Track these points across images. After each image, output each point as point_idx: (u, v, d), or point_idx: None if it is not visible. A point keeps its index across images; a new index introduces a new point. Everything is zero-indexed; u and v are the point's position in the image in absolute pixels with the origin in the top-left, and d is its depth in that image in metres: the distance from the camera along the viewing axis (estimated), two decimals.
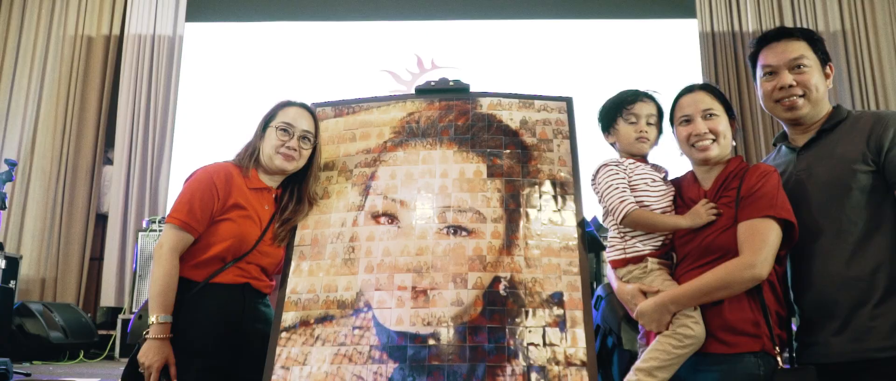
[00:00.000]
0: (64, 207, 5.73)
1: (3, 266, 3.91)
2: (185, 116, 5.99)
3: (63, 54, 5.98)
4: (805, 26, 5.99)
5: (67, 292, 5.61)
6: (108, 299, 5.50)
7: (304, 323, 1.73)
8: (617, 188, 1.68)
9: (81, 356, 4.54)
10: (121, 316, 4.70)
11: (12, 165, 2.90)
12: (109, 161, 5.96)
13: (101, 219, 5.88)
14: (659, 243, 1.67)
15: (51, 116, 5.85)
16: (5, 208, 2.81)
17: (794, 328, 1.68)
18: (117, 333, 4.65)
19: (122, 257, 5.61)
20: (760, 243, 1.49)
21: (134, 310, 4.68)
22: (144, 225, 4.96)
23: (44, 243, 5.63)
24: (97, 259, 5.81)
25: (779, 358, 1.49)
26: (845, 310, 1.52)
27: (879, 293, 1.49)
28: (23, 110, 5.79)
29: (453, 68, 5.93)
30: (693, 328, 1.52)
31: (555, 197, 1.83)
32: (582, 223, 1.81)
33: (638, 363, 1.56)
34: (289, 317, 1.75)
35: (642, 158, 1.77)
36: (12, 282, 4.48)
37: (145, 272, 4.73)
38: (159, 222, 4.84)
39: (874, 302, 1.49)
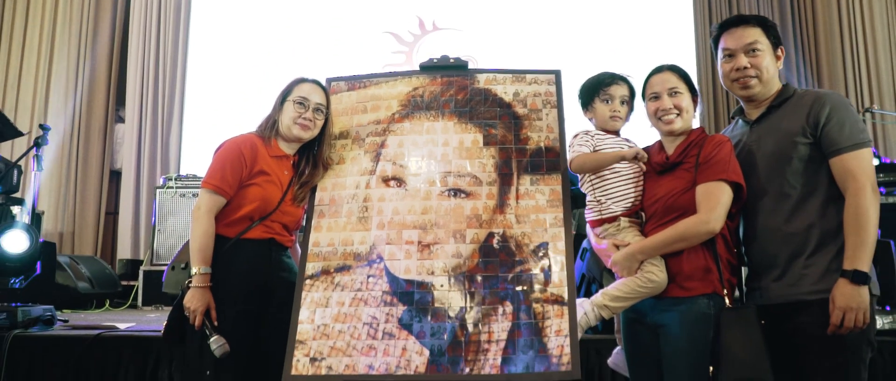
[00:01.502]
0: (78, 164, 5.91)
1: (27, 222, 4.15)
2: (196, 74, 6.11)
3: (71, 14, 6.05)
4: None
5: (85, 245, 5.84)
6: (124, 251, 5.74)
7: (325, 272, 1.99)
8: (575, 146, 1.95)
9: (107, 305, 4.80)
10: (142, 268, 4.98)
11: (47, 129, 3.12)
12: (121, 119, 6.14)
13: (115, 175, 6.07)
14: (629, 204, 1.91)
15: (62, 76, 5.95)
16: (42, 169, 3.06)
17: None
18: (139, 283, 4.89)
19: (136, 211, 5.81)
20: (714, 202, 1.74)
21: (153, 262, 4.97)
22: (161, 182, 5.20)
23: (60, 199, 5.82)
24: (112, 214, 6.02)
25: (726, 299, 1.76)
26: (784, 260, 1.76)
27: (812, 247, 1.73)
28: (34, 70, 5.88)
29: (454, 30, 6.07)
30: (658, 274, 1.79)
31: (543, 160, 2.07)
32: (566, 183, 2.04)
33: (606, 288, 1.85)
34: (311, 267, 2.00)
35: (615, 132, 2.00)
36: None
37: (164, 227, 4.99)
38: (175, 179, 5.08)
39: (807, 254, 1.73)
